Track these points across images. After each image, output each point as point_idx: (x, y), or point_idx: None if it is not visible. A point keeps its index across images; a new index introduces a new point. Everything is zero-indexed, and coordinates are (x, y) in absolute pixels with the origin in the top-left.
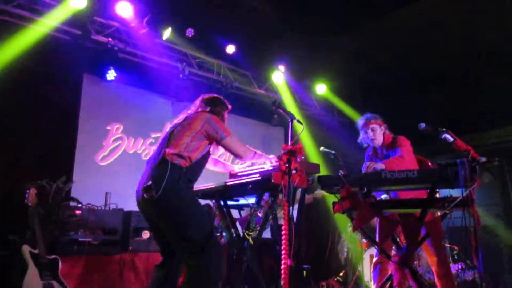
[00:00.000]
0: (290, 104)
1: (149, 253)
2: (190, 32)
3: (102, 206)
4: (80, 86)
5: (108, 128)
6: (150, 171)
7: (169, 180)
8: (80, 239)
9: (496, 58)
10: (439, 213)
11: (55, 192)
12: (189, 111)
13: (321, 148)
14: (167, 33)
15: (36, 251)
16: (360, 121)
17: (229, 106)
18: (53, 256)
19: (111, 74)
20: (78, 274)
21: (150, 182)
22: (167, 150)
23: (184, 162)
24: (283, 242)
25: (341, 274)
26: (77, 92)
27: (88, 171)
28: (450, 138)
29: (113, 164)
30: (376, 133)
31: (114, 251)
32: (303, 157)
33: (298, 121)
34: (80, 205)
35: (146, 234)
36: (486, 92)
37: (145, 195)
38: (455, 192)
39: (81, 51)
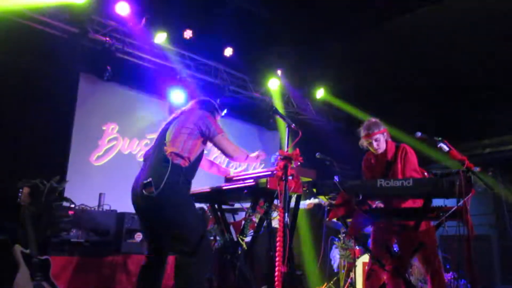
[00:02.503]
0: (285, 109)
1: (142, 256)
2: (188, 33)
3: (96, 206)
4: (77, 85)
5: (104, 128)
6: (149, 168)
7: (169, 179)
8: (72, 240)
9: (494, 68)
10: (432, 222)
11: (48, 192)
12: (183, 109)
13: (317, 154)
14: (161, 37)
15: (27, 251)
16: (362, 130)
17: (221, 114)
18: (44, 257)
19: (108, 74)
20: (70, 275)
21: (150, 179)
22: (166, 148)
23: (184, 162)
24: (277, 248)
25: (333, 280)
26: (74, 91)
27: (83, 171)
28: (445, 147)
29: (107, 164)
30: (380, 143)
31: (107, 252)
32: (299, 163)
33: (296, 127)
34: (73, 206)
35: (139, 236)
36: (482, 102)
37: (144, 191)
38: (449, 201)
39: (78, 50)
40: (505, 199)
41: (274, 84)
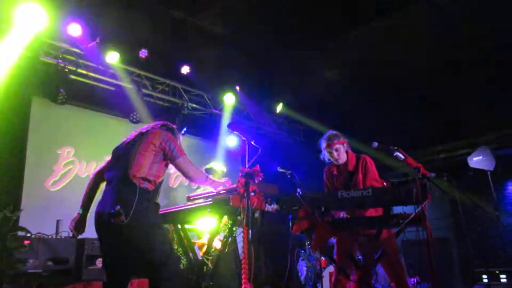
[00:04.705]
0: (245, 124)
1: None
2: (143, 53)
3: (53, 234)
4: (29, 109)
5: (59, 152)
6: (115, 194)
7: (138, 205)
8: (29, 271)
9: (449, 74)
10: (393, 230)
11: (1, 222)
12: (142, 130)
13: (278, 168)
14: (114, 57)
15: None
16: (322, 141)
17: (180, 133)
18: None
19: (61, 96)
20: None
21: (118, 207)
22: (131, 172)
23: (150, 186)
24: (242, 266)
25: None
26: (26, 115)
27: (38, 198)
28: (401, 156)
29: (64, 189)
30: (340, 153)
31: (67, 281)
32: (260, 179)
33: (255, 143)
34: (29, 235)
35: (100, 262)
36: (435, 108)
37: (112, 219)
38: (408, 208)
39: (29, 73)
40: (460, 203)
41: (230, 99)
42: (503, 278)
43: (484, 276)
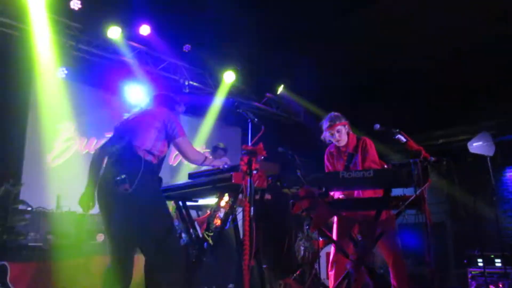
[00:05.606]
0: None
1: (104, 257)
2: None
3: (54, 209)
4: (29, 85)
5: (60, 127)
6: (119, 165)
7: (143, 175)
8: (30, 244)
9: (446, 59)
10: (393, 211)
11: (3, 195)
12: (148, 107)
13: (279, 148)
14: (116, 32)
15: None
16: (324, 122)
17: (183, 107)
18: (1, 263)
19: (61, 72)
20: (28, 281)
21: (124, 176)
22: (136, 144)
23: (154, 159)
24: (244, 242)
25: (297, 272)
26: (27, 90)
27: (39, 172)
28: (402, 139)
29: (65, 165)
30: (341, 134)
31: (67, 256)
32: (262, 158)
33: (258, 122)
34: (30, 209)
35: (100, 237)
36: (435, 93)
37: (118, 187)
38: (408, 191)
39: (31, 48)
40: (458, 188)
41: (230, 78)
42: (498, 263)
43: (479, 260)
